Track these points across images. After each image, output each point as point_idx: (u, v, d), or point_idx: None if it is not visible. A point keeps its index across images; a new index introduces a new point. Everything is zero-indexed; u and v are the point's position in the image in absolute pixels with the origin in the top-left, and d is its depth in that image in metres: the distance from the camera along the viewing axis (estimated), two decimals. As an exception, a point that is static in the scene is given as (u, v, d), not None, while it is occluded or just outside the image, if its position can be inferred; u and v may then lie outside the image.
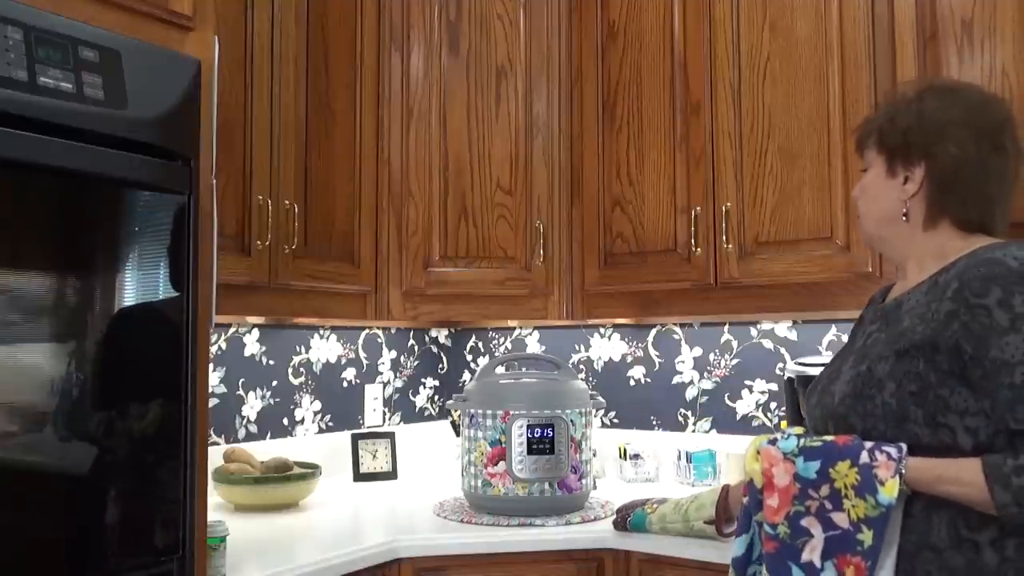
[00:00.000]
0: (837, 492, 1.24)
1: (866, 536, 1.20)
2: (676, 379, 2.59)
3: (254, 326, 2.42)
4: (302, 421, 2.55)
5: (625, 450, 2.54)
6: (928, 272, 1.33)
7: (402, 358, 2.90)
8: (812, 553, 1.24)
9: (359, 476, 2.57)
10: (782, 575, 1.25)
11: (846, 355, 1.42)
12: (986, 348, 1.19)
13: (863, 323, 1.47)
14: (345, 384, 2.70)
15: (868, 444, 1.24)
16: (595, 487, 2.20)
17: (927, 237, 1.36)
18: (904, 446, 1.22)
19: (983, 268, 1.22)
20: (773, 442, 1.31)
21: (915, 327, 1.27)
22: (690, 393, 2.56)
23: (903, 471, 1.20)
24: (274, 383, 2.48)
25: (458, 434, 2.21)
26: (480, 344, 3.02)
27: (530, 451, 2.03)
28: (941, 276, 1.29)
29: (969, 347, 1.20)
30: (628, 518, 1.92)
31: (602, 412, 2.71)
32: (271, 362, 2.47)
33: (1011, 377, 1.17)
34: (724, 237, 2.12)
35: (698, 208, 2.18)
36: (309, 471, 2.22)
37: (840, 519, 1.23)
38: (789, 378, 2.10)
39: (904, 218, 1.37)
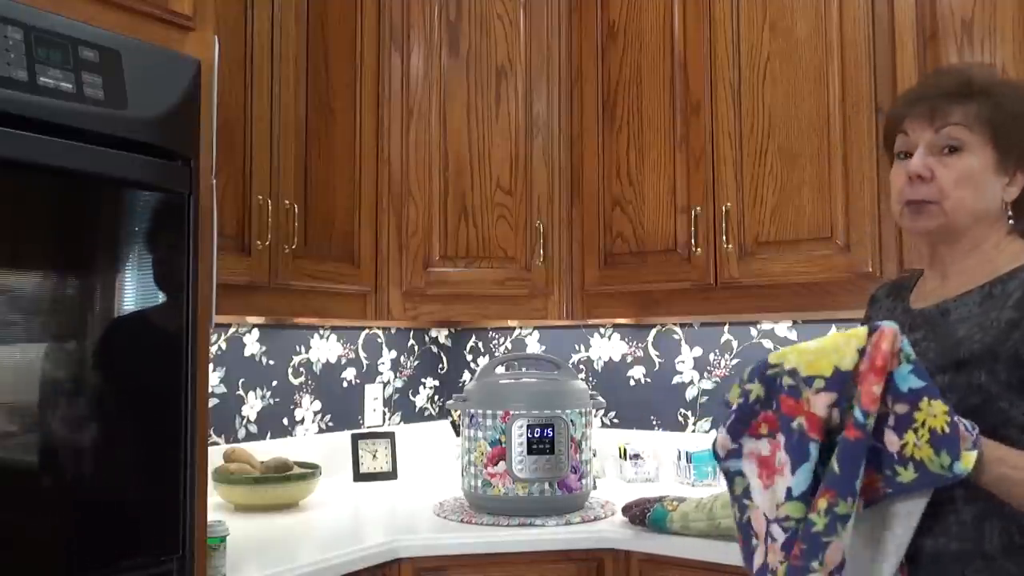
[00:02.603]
0: (912, 421, 1.08)
1: (906, 475, 1.08)
2: (676, 379, 2.59)
3: (254, 326, 2.42)
4: (302, 421, 2.55)
5: (625, 450, 2.54)
6: (976, 281, 1.27)
7: (402, 358, 2.90)
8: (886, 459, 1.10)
9: (359, 476, 2.57)
10: (851, 470, 1.07)
11: None
12: None
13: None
14: (345, 384, 2.70)
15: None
16: (595, 487, 2.20)
17: (1004, 242, 1.29)
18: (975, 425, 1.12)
19: None
20: None
21: (973, 336, 1.21)
22: (690, 393, 2.56)
23: (981, 449, 1.09)
24: (274, 383, 2.48)
25: (458, 434, 2.21)
26: (480, 344, 3.02)
27: (530, 451, 2.03)
28: (996, 287, 1.24)
29: None
30: (648, 513, 1.91)
31: (602, 412, 2.71)
32: (271, 362, 2.47)
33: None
34: (724, 237, 2.12)
35: (698, 208, 2.18)
36: (309, 471, 2.22)
37: (891, 441, 1.09)
38: (789, 378, 2.10)
39: (1011, 221, 1.28)
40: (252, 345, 2.42)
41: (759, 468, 1.17)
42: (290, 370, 2.53)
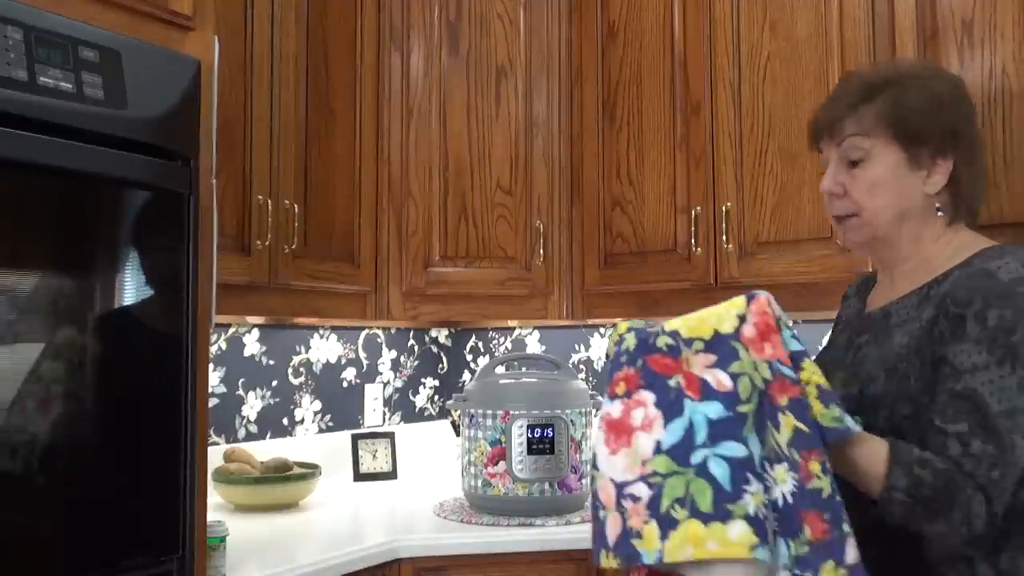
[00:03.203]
0: (799, 381, 1.10)
1: (787, 429, 1.08)
2: (676, 379, 2.59)
3: (254, 326, 2.42)
4: (302, 421, 2.55)
5: (625, 450, 2.54)
6: (917, 282, 1.25)
7: (402, 358, 2.90)
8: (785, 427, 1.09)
9: (359, 476, 2.57)
10: (737, 425, 1.09)
11: (835, 367, 1.32)
12: (944, 352, 1.14)
13: (847, 327, 1.40)
14: (345, 384, 2.70)
15: None
16: (595, 487, 2.20)
17: (945, 235, 1.25)
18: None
19: (974, 280, 1.15)
20: None
21: (903, 341, 1.20)
22: (690, 393, 2.56)
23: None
24: (274, 383, 2.48)
25: (458, 434, 2.21)
26: (480, 344, 3.02)
27: (530, 451, 2.03)
28: (934, 287, 1.21)
29: (938, 353, 1.15)
30: None
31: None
32: (271, 362, 2.47)
33: (955, 384, 1.12)
34: (724, 237, 2.12)
35: (698, 208, 2.18)
36: (309, 471, 2.22)
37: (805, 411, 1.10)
38: (789, 378, 2.10)
39: (938, 212, 1.24)
40: (252, 345, 2.42)
41: (606, 434, 1.14)
42: (290, 370, 2.53)
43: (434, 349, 3.03)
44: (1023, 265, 1.14)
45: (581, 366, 2.77)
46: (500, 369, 2.77)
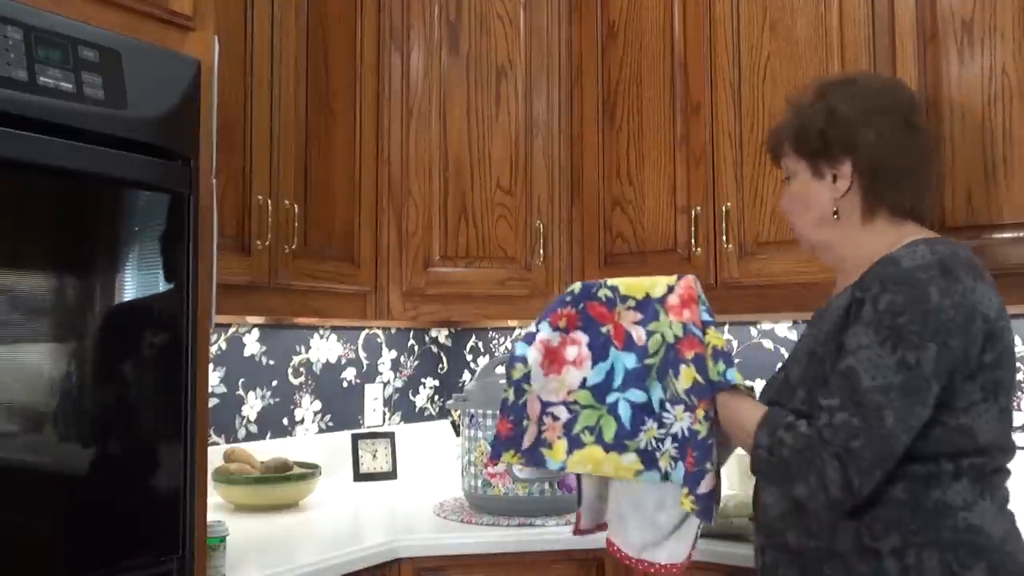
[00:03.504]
0: (705, 343, 1.33)
1: (686, 378, 1.31)
2: (676, 379, 2.59)
3: (254, 326, 2.42)
4: (302, 421, 2.55)
5: (625, 450, 2.54)
6: (855, 278, 1.30)
7: (402, 358, 2.90)
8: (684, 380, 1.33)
9: (359, 476, 2.57)
10: (707, 376, 1.32)
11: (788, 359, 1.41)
12: (843, 335, 1.22)
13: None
14: (345, 384, 2.69)
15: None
16: (595, 487, 2.20)
17: (866, 232, 1.34)
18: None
19: (880, 267, 1.23)
20: None
21: (826, 328, 1.28)
22: (690, 393, 2.56)
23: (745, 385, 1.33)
24: (274, 383, 2.48)
25: (458, 434, 2.21)
26: (480, 344, 3.02)
27: (530, 451, 2.03)
28: (858, 286, 1.27)
29: (840, 337, 1.24)
30: None
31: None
32: (271, 362, 2.47)
33: (841, 362, 1.20)
34: (724, 237, 2.12)
35: (698, 208, 2.18)
36: (309, 471, 2.22)
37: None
38: (789, 378, 2.10)
39: (835, 216, 1.35)
40: (252, 345, 2.42)
41: (543, 357, 1.38)
42: (290, 370, 2.53)
43: (434, 349, 3.03)
44: (932, 253, 1.20)
45: (581, 366, 2.77)
46: (500, 369, 2.77)
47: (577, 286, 1.42)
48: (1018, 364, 2.07)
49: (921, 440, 1.18)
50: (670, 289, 1.37)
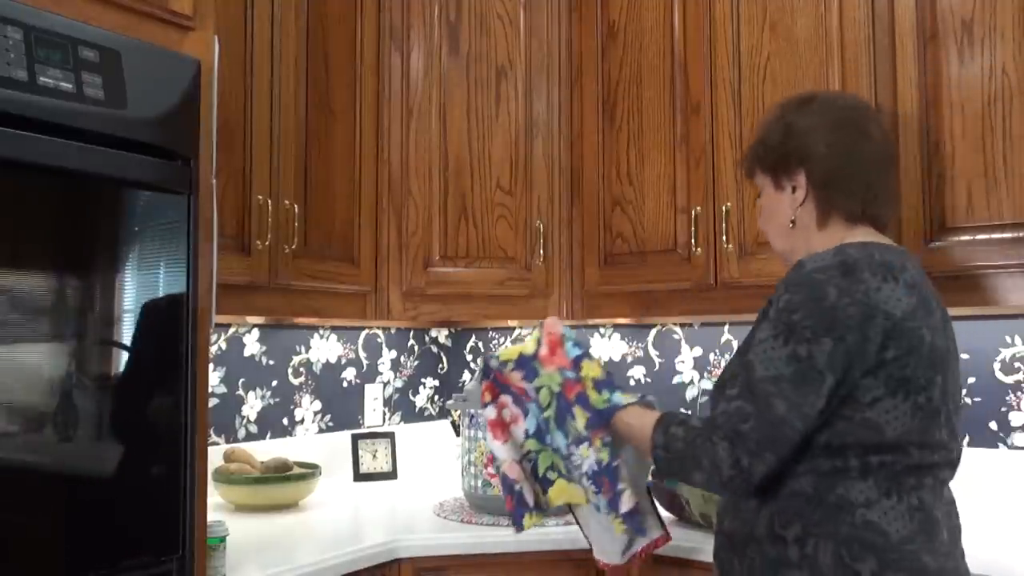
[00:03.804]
0: (580, 379, 1.49)
1: (581, 417, 1.48)
2: (676, 379, 2.59)
3: (254, 326, 2.42)
4: (302, 421, 2.55)
5: (625, 450, 2.54)
6: None
7: (402, 358, 2.90)
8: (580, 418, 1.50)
9: (359, 476, 2.57)
10: (591, 409, 1.48)
11: None
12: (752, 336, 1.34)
13: None
14: (345, 384, 2.70)
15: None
16: (595, 487, 2.20)
17: (821, 237, 1.40)
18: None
19: (792, 269, 1.32)
20: None
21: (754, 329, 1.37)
22: (690, 393, 2.56)
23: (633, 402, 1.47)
24: (274, 383, 2.48)
25: (458, 434, 2.21)
26: (480, 344, 3.02)
27: (530, 451, 2.03)
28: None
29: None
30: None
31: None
32: (271, 362, 2.47)
33: (744, 357, 1.31)
34: (724, 237, 2.12)
35: (698, 208, 2.18)
36: (309, 471, 2.22)
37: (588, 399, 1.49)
38: (789, 378, 2.10)
39: (791, 224, 1.44)
40: (252, 345, 2.42)
41: (492, 431, 1.54)
42: (290, 370, 2.53)
43: (434, 349, 3.03)
44: (836, 255, 1.28)
45: (581, 366, 2.77)
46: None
47: (481, 362, 1.61)
48: (1018, 365, 2.07)
49: (829, 433, 1.24)
50: (539, 342, 1.53)
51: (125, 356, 1.31)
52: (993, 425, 2.09)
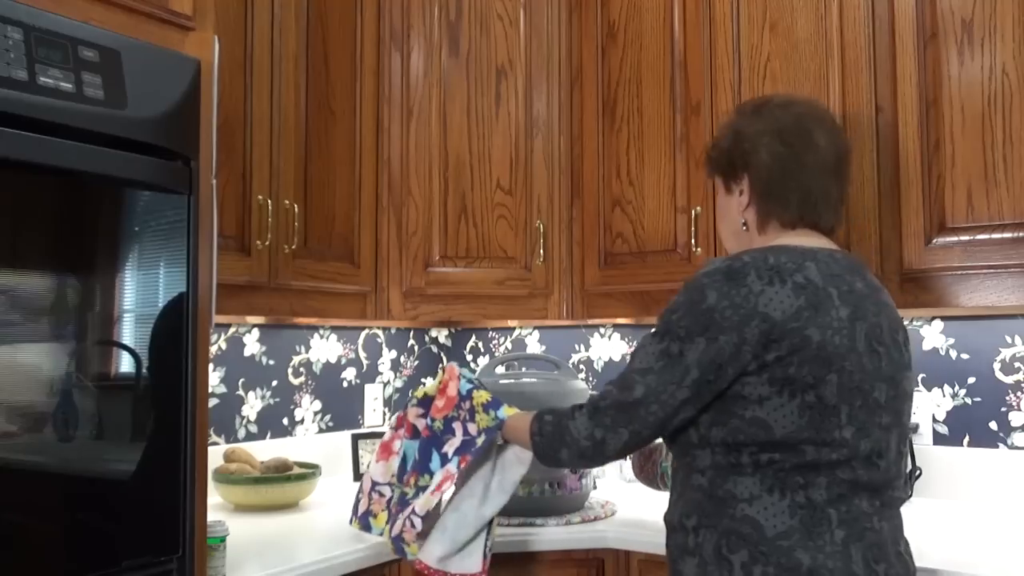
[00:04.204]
0: (474, 408, 1.68)
1: (480, 440, 1.66)
2: (676, 379, 2.59)
3: (254, 326, 2.42)
4: (302, 421, 2.55)
5: (625, 450, 2.54)
6: None
7: (402, 358, 2.90)
8: (449, 447, 1.70)
9: (359, 476, 2.57)
10: (427, 457, 1.73)
11: None
12: None
13: None
14: (345, 384, 2.70)
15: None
16: (595, 487, 2.20)
17: (762, 240, 1.46)
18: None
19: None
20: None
21: None
22: (690, 393, 2.56)
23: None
24: (274, 383, 2.48)
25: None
26: (480, 344, 3.02)
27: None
28: None
29: None
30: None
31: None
32: (271, 362, 2.47)
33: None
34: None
35: (698, 208, 2.18)
36: (309, 471, 2.22)
37: (472, 428, 1.68)
38: (789, 378, 2.10)
39: (744, 227, 1.49)
40: (252, 345, 2.42)
41: (379, 449, 1.81)
42: (290, 370, 2.53)
43: (434, 349, 3.03)
44: (725, 261, 1.34)
45: (581, 366, 2.77)
46: (500, 369, 2.77)
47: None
48: (1018, 365, 2.07)
49: (725, 430, 1.31)
50: (439, 384, 1.76)
51: (125, 356, 1.31)
52: (993, 425, 2.09)
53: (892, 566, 1.30)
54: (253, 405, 2.42)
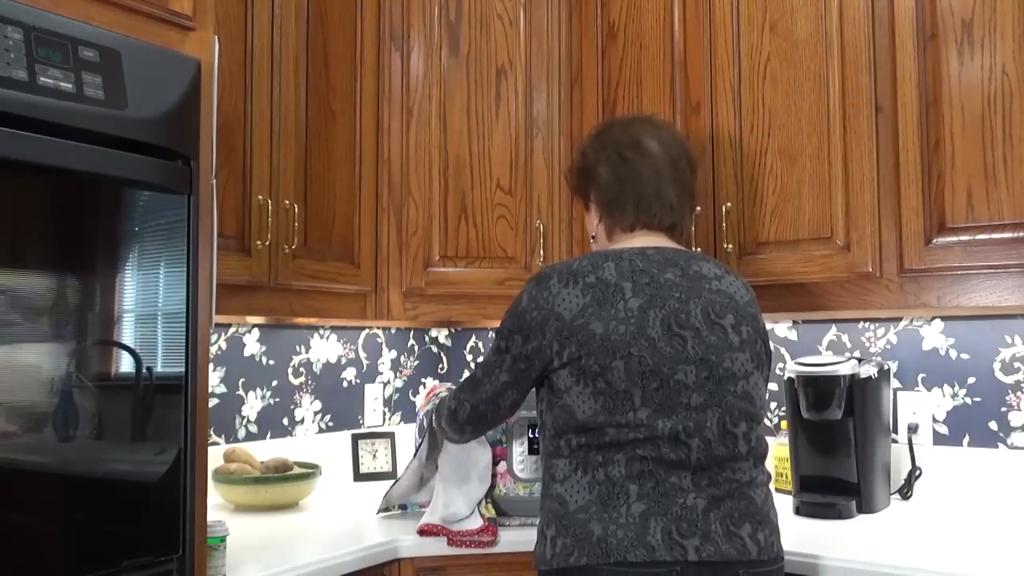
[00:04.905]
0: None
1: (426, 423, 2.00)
2: (676, 379, 2.59)
3: (254, 326, 2.42)
4: (302, 421, 2.55)
5: (625, 450, 2.54)
6: None
7: (402, 358, 2.90)
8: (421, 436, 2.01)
9: (359, 476, 2.57)
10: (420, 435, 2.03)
11: None
12: None
13: None
14: (345, 384, 2.70)
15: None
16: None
17: (612, 246, 1.61)
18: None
19: None
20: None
21: None
22: (690, 393, 2.56)
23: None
24: (274, 383, 2.48)
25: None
26: (480, 344, 3.02)
27: (531, 451, 2.03)
28: None
29: None
30: None
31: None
32: (271, 362, 2.47)
33: None
34: (724, 237, 2.12)
35: (698, 208, 2.18)
36: (309, 471, 2.22)
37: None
38: (789, 378, 2.10)
39: (593, 240, 1.69)
40: (252, 345, 2.42)
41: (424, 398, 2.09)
42: (290, 370, 2.53)
43: (434, 349, 3.03)
44: (549, 267, 1.54)
45: (581, 366, 2.77)
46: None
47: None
48: (1018, 365, 2.07)
49: (551, 419, 1.48)
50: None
51: (125, 356, 1.31)
52: (993, 425, 2.09)
53: (711, 543, 1.34)
54: (253, 405, 2.42)
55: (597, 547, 1.36)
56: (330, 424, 2.64)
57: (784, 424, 2.25)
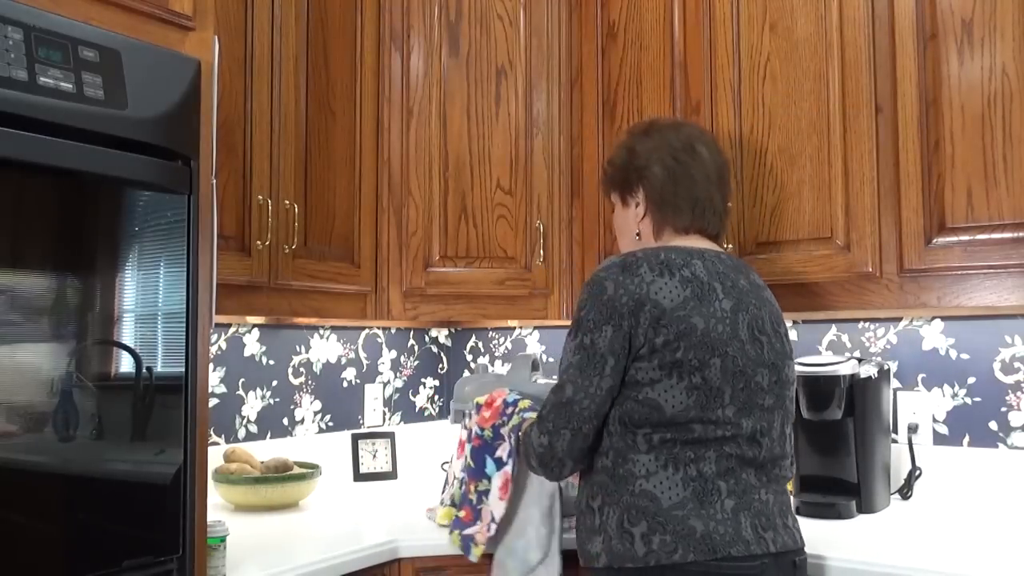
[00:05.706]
0: (514, 414, 1.78)
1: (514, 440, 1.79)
2: (676, 379, 2.59)
3: (254, 326, 2.42)
4: (302, 421, 2.55)
5: (625, 450, 2.54)
6: None
7: (402, 358, 2.90)
8: (503, 452, 1.81)
9: (359, 476, 2.57)
10: (481, 463, 1.85)
11: None
12: None
13: None
14: (345, 384, 2.70)
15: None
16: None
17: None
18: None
19: None
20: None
21: None
22: (690, 393, 2.56)
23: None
24: (274, 383, 2.48)
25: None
26: (480, 344, 3.02)
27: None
28: None
29: None
30: None
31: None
32: (271, 362, 2.47)
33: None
34: (724, 237, 2.12)
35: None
36: (309, 471, 2.22)
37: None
38: (789, 378, 2.10)
39: (637, 237, 1.65)
40: (252, 345, 2.42)
41: (457, 445, 1.97)
42: (290, 370, 2.53)
43: (434, 349, 3.03)
44: (621, 257, 1.50)
45: (581, 366, 2.77)
46: (500, 369, 2.77)
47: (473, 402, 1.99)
48: (1018, 365, 2.07)
49: (620, 412, 1.45)
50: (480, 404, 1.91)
51: (125, 356, 1.31)
52: (993, 425, 2.09)
53: (779, 535, 1.44)
54: (253, 405, 2.42)
55: (703, 543, 1.38)
56: (330, 424, 2.64)
57: (784, 424, 2.25)
